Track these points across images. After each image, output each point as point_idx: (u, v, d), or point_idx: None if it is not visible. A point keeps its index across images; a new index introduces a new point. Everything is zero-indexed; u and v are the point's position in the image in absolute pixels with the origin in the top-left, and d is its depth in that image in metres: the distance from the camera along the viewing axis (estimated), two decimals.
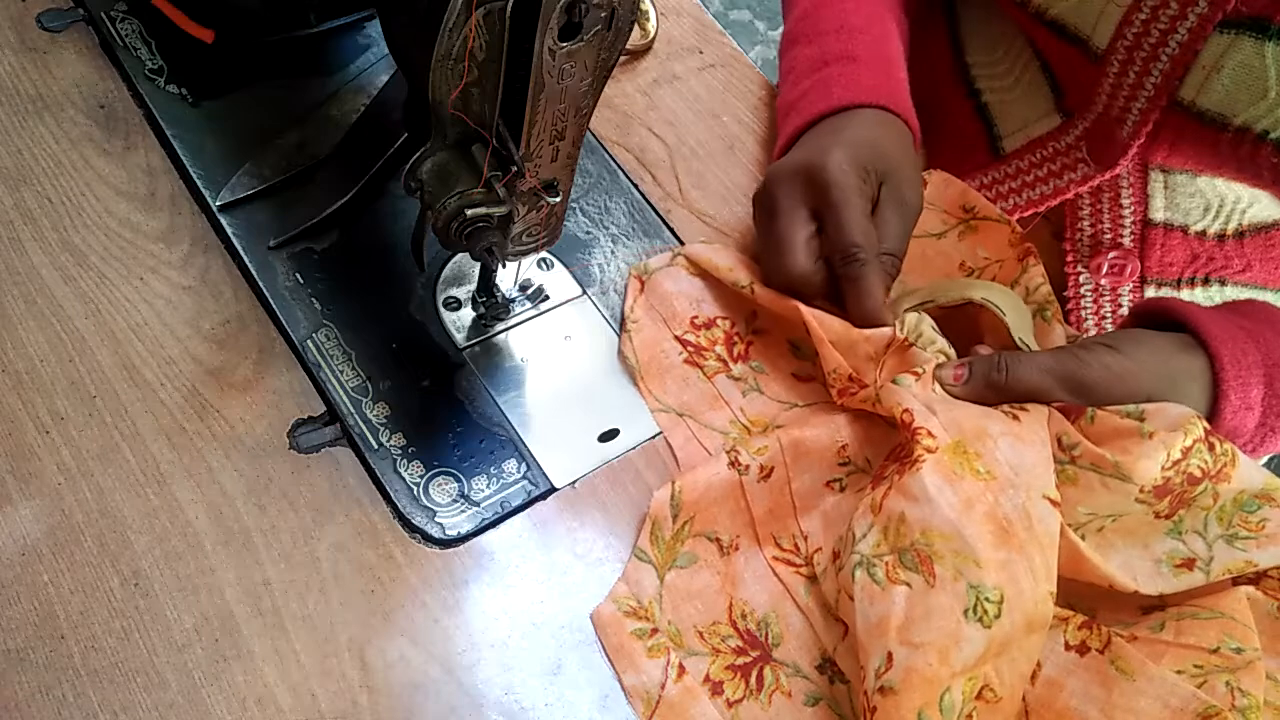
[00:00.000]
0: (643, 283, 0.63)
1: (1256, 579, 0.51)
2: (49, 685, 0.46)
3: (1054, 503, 0.50)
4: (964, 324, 0.60)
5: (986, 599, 0.47)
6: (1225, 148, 0.57)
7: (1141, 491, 0.50)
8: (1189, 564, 0.51)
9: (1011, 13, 0.65)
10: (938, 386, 0.54)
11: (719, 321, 0.62)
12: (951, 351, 0.57)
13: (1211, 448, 0.50)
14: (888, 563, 0.49)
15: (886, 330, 0.56)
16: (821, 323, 0.57)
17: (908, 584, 0.48)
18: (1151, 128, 0.60)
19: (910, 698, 0.46)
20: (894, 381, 0.54)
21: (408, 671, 0.49)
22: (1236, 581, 0.51)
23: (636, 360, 0.60)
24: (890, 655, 0.47)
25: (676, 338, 0.61)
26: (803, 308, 0.58)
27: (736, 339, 0.62)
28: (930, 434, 0.51)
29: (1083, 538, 0.51)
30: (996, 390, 0.53)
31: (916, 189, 0.60)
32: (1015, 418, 0.52)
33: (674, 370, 0.60)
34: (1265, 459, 0.74)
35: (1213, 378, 0.53)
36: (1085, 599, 0.52)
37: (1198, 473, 0.50)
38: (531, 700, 0.50)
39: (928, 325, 0.57)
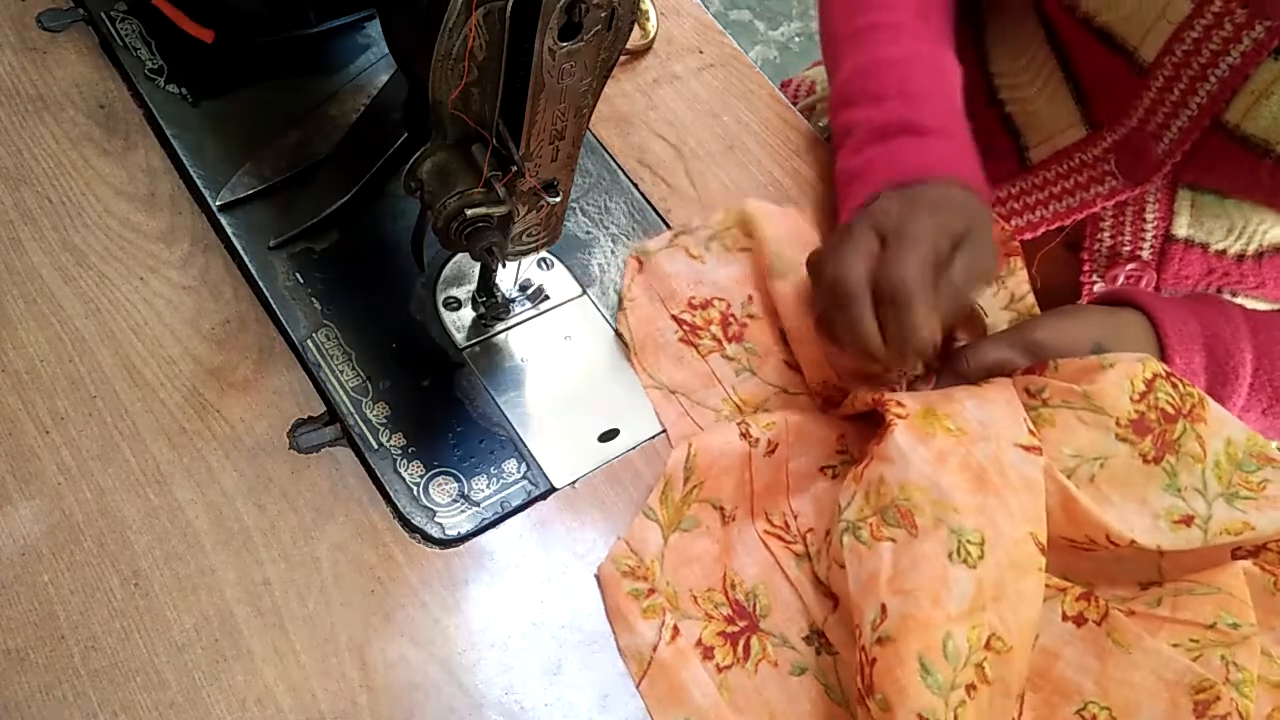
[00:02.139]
0: (641, 263, 0.64)
1: (1255, 552, 0.51)
2: (49, 685, 0.46)
3: (1028, 448, 0.51)
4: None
5: (968, 541, 0.48)
6: (1264, 174, 0.57)
7: (1119, 426, 0.52)
8: (1187, 521, 0.51)
9: (1056, 18, 0.64)
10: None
11: (715, 302, 0.63)
12: None
13: (1175, 386, 0.52)
14: (871, 523, 0.51)
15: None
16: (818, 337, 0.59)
17: (892, 539, 0.50)
18: (1189, 147, 0.60)
19: (908, 643, 0.47)
20: None
21: (408, 671, 0.49)
22: (1235, 555, 0.52)
23: (631, 337, 0.61)
24: (884, 607, 0.48)
25: (673, 316, 0.62)
26: (794, 321, 0.60)
27: (732, 320, 0.63)
28: (900, 403, 0.53)
29: (1077, 487, 0.52)
30: (963, 377, 0.56)
31: (991, 255, 0.57)
32: (979, 385, 0.55)
33: (668, 348, 0.61)
34: None
35: (1157, 341, 0.56)
36: (1083, 573, 0.53)
37: (1170, 409, 0.51)
38: (531, 700, 0.50)
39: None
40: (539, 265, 0.63)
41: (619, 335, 0.61)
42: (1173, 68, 0.58)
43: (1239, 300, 0.68)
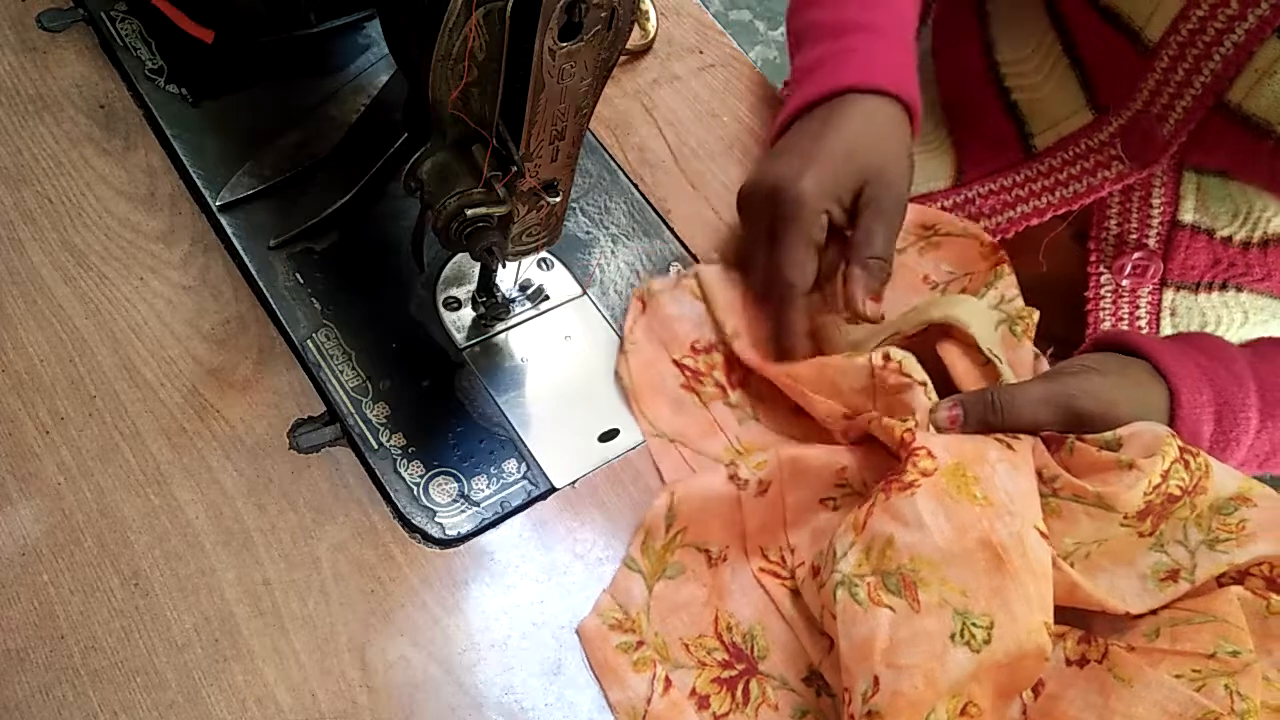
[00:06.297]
0: (644, 304, 0.62)
1: (1240, 578, 0.51)
2: (49, 685, 0.46)
3: (1043, 534, 0.50)
4: (932, 334, 0.59)
5: (974, 624, 0.47)
6: (1264, 156, 0.57)
7: (1125, 518, 0.51)
8: (1173, 575, 0.51)
9: (1062, 1, 0.64)
10: (932, 429, 0.54)
11: (719, 347, 0.61)
12: (927, 380, 0.56)
13: (1187, 464, 0.50)
14: (870, 583, 0.49)
15: (860, 361, 0.56)
16: (795, 377, 0.58)
17: (890, 608, 0.48)
18: (1194, 128, 0.59)
19: None
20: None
21: (408, 671, 0.49)
22: (1221, 582, 0.51)
23: (631, 381, 0.59)
24: (876, 679, 0.47)
25: (674, 361, 0.60)
26: (769, 368, 0.59)
27: (737, 364, 0.61)
28: (930, 454, 0.51)
29: (1072, 565, 0.51)
30: (993, 431, 0.53)
31: (900, 185, 0.59)
32: (1010, 447, 0.52)
33: (668, 394, 0.60)
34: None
35: (1169, 411, 0.55)
36: (1078, 613, 0.52)
37: (1177, 491, 0.50)
38: (531, 700, 0.50)
39: (906, 356, 0.56)
40: (539, 265, 0.63)
41: (619, 378, 0.60)
42: (1177, 47, 0.58)
43: (1244, 296, 0.68)
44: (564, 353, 0.60)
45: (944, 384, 0.58)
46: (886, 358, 0.55)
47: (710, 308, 0.62)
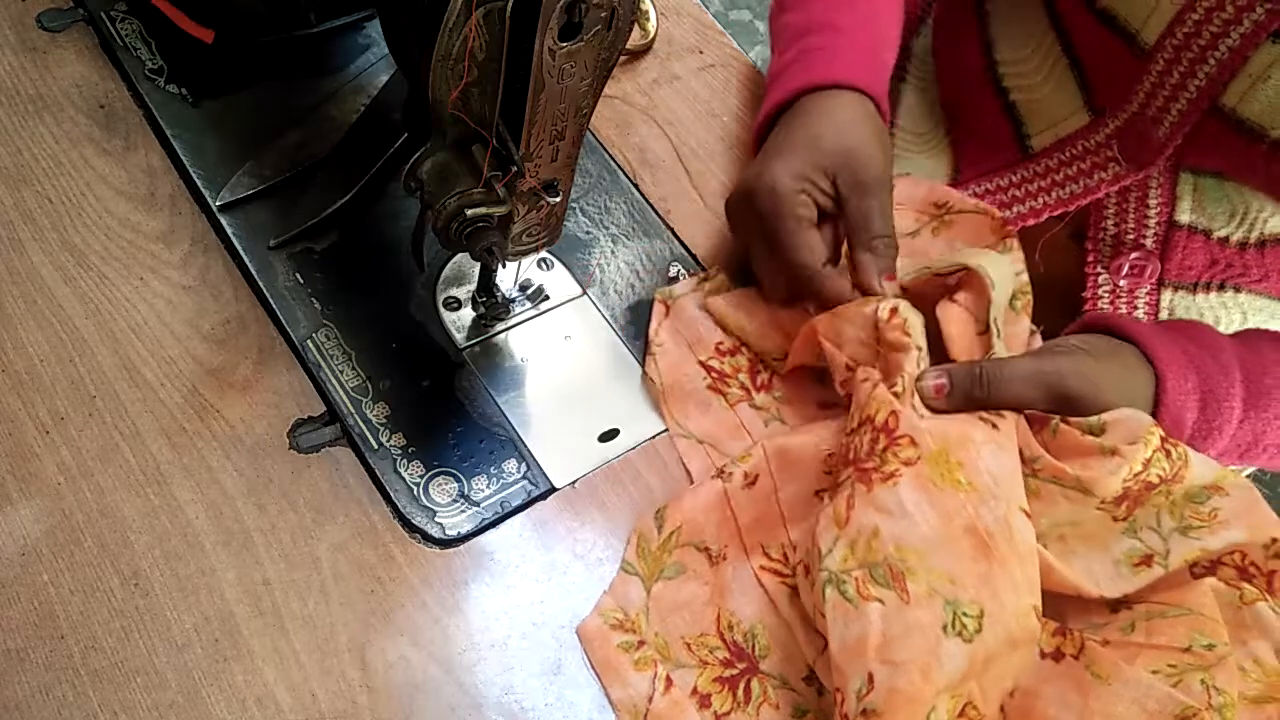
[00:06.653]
0: (667, 307, 0.62)
1: (1212, 568, 0.51)
2: (49, 685, 0.46)
3: (1027, 514, 0.49)
4: (936, 293, 0.58)
5: (964, 614, 0.47)
6: (1258, 159, 0.57)
7: (1102, 503, 0.51)
8: (1147, 560, 0.51)
9: (1061, 3, 0.65)
10: (918, 401, 0.53)
11: (743, 349, 0.62)
12: (923, 346, 0.55)
13: (1168, 454, 0.50)
14: (857, 578, 0.49)
15: (869, 309, 0.55)
16: (811, 331, 0.57)
17: (880, 600, 0.48)
18: (1189, 130, 0.60)
19: (894, 719, 0.46)
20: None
21: (408, 671, 0.49)
22: (1194, 572, 0.51)
23: (661, 382, 0.60)
24: (871, 676, 0.46)
25: (700, 363, 0.61)
26: (799, 344, 0.59)
27: (761, 367, 0.62)
28: (913, 442, 0.50)
29: (1045, 547, 0.51)
30: (978, 405, 0.53)
31: (875, 163, 0.59)
32: (994, 426, 0.52)
33: (696, 395, 0.60)
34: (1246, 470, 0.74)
35: (1154, 396, 0.55)
36: (1052, 603, 0.52)
37: (1155, 480, 0.50)
38: (531, 700, 0.50)
39: (914, 314, 0.56)
40: (539, 265, 0.63)
41: (648, 380, 0.60)
42: (1173, 50, 0.58)
43: (1242, 296, 0.68)
44: (564, 353, 0.60)
45: (936, 345, 0.56)
46: (894, 311, 0.55)
47: (739, 336, 0.62)
